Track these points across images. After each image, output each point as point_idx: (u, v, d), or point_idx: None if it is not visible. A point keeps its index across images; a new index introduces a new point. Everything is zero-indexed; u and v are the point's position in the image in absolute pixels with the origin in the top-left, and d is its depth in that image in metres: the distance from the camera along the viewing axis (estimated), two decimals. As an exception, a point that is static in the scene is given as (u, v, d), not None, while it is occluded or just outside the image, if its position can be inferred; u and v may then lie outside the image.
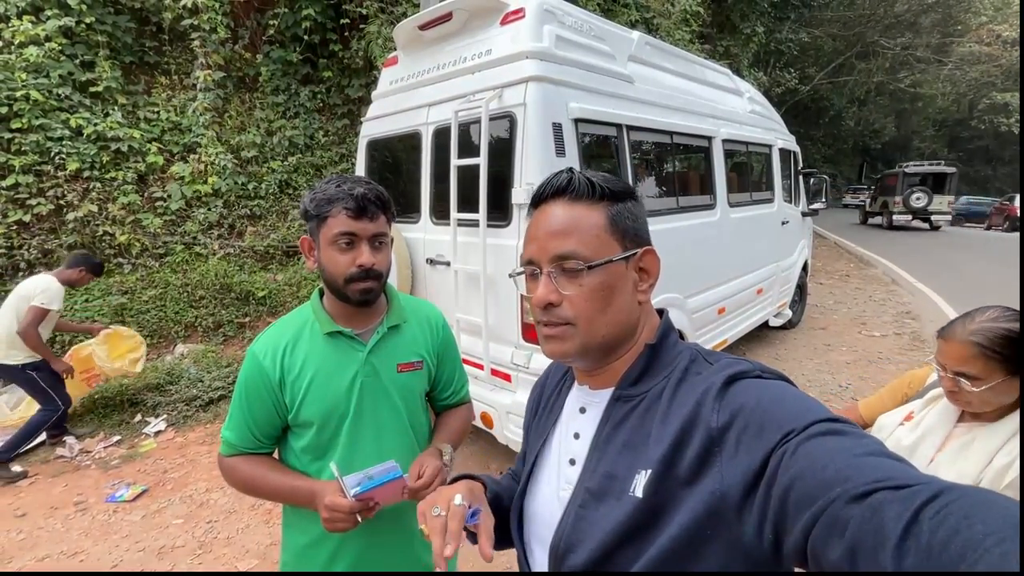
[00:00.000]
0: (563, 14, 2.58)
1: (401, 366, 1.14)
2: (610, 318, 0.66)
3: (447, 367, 1.27)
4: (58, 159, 5.03)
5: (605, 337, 0.66)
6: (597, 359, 0.69)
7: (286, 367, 1.05)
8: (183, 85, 6.05)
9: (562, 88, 2.45)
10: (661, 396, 0.63)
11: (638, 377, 0.67)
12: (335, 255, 1.02)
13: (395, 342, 1.14)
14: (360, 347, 1.09)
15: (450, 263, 2.72)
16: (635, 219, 0.69)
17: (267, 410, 1.07)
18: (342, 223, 1.01)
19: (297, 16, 6.08)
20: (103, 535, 2.66)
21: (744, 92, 4.46)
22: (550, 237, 0.66)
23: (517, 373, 2.51)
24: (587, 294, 0.64)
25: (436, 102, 2.81)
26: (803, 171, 5.50)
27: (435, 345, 1.22)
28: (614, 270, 0.66)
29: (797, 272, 5.38)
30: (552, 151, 2.37)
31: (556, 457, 0.73)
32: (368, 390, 1.09)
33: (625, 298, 0.67)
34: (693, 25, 10.15)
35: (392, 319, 1.14)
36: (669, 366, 0.66)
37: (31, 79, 4.93)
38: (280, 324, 1.12)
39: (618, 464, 0.62)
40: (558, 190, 0.68)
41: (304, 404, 1.05)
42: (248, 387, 1.07)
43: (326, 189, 1.02)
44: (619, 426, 0.65)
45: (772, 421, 0.51)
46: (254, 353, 1.07)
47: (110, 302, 4.93)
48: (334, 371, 1.07)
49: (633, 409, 0.65)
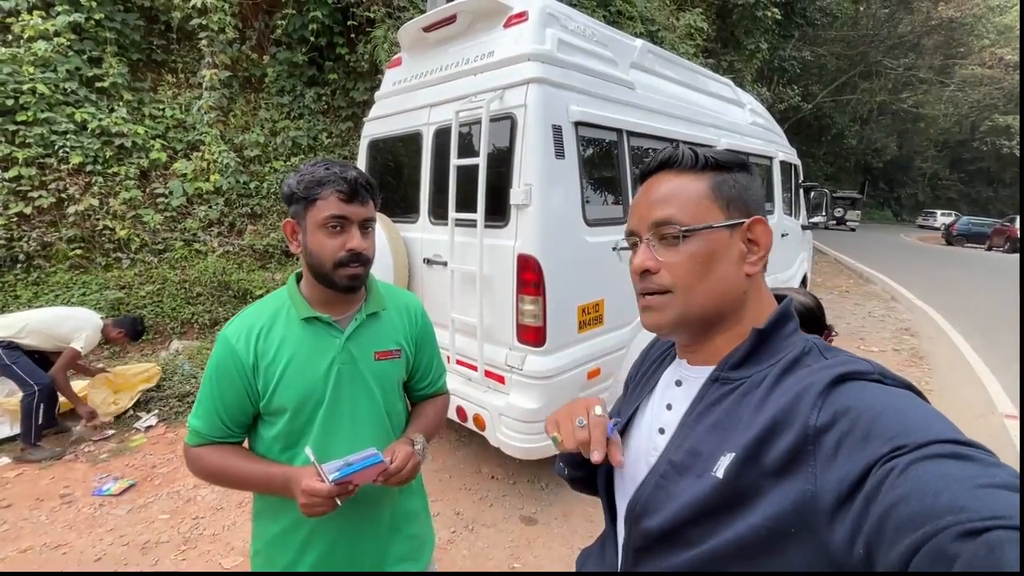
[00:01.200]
0: (566, 18, 2.60)
1: (379, 354, 1.12)
2: (710, 287, 0.64)
3: (424, 356, 1.25)
4: (61, 153, 5.05)
5: (704, 307, 0.65)
6: (696, 333, 0.68)
7: (260, 351, 1.02)
8: (189, 84, 6.09)
9: (563, 91, 2.46)
10: (761, 384, 0.61)
11: (741, 361, 0.65)
12: (324, 239, 1.00)
13: (373, 330, 1.12)
14: (337, 334, 1.07)
15: (447, 263, 2.71)
16: (743, 188, 0.68)
17: (238, 396, 1.03)
18: (333, 206, 0.99)
19: (305, 18, 6.13)
20: (88, 528, 2.62)
21: (746, 104, 4.49)
22: (650, 206, 0.67)
23: (511, 375, 2.49)
24: (685, 261, 0.64)
25: (438, 103, 2.83)
26: (803, 184, 5.52)
27: (414, 334, 1.20)
28: (715, 237, 0.64)
29: (796, 285, 5.37)
30: (552, 153, 2.37)
31: (649, 422, 0.73)
32: (345, 377, 1.06)
33: (728, 268, 0.65)
34: (697, 39, 10.27)
35: (371, 306, 1.12)
36: (777, 354, 0.63)
37: (38, 73, 4.96)
38: (254, 308, 1.09)
39: (705, 442, 0.62)
40: (663, 163, 0.69)
41: (278, 390, 1.02)
42: (219, 372, 1.03)
43: (314, 172, 1.00)
44: (712, 407, 0.64)
45: (881, 431, 0.48)
46: (226, 337, 1.03)
47: (107, 296, 4.92)
48: (310, 357, 1.04)
49: (730, 392, 0.63)
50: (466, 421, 2.70)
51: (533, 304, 2.37)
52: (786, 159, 4.97)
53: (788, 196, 5.09)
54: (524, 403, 2.42)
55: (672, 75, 3.43)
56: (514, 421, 2.44)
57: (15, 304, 4.71)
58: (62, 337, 3.40)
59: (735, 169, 0.68)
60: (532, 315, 2.38)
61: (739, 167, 0.68)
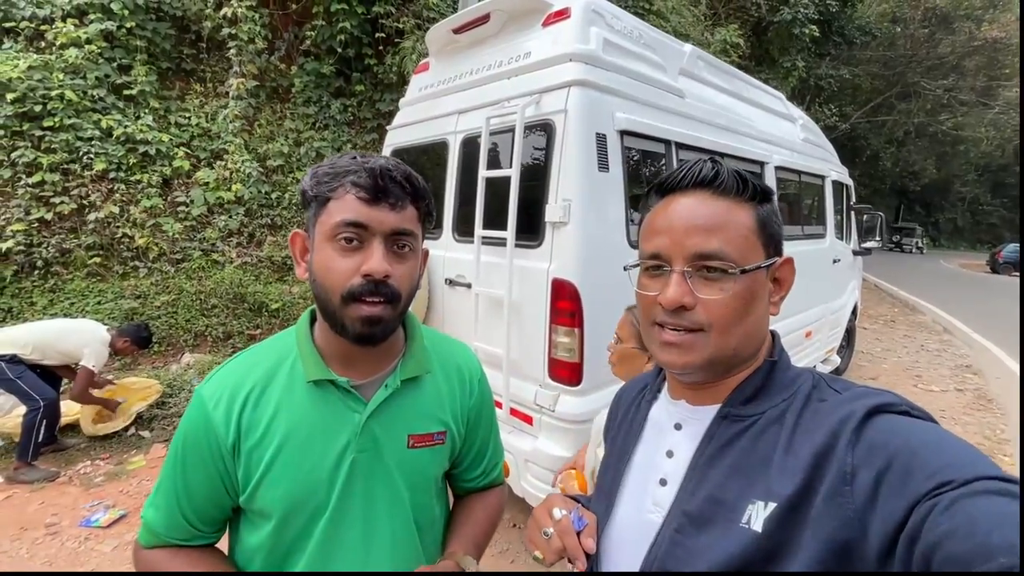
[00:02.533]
0: (612, 17, 2.34)
1: (415, 439, 0.80)
2: (745, 329, 0.60)
3: (479, 438, 0.92)
4: (86, 159, 5.00)
5: (736, 349, 0.61)
6: (718, 373, 0.63)
7: (244, 425, 0.73)
8: (216, 93, 6.05)
9: (608, 96, 2.18)
10: (781, 422, 0.57)
11: (752, 396, 0.62)
12: (332, 257, 0.69)
13: (410, 403, 0.80)
14: (357, 406, 0.76)
15: (471, 285, 2.44)
16: (778, 224, 0.64)
17: (210, 485, 0.74)
18: (348, 207, 0.68)
19: (334, 29, 6.05)
20: (69, 565, 2.38)
21: (797, 118, 4.16)
22: (691, 232, 0.60)
23: (540, 416, 2.18)
24: (730, 301, 0.59)
25: (466, 109, 2.58)
26: (855, 206, 5.11)
27: (466, 409, 0.88)
28: (758, 278, 0.61)
29: (847, 315, 4.94)
30: (594, 164, 2.09)
31: (642, 476, 0.68)
32: (361, 472, 0.75)
33: (763, 308, 0.62)
34: (732, 56, 9.97)
35: (409, 367, 0.80)
36: (788, 388, 0.60)
37: (68, 79, 4.95)
38: (247, 357, 0.79)
39: (725, 489, 0.57)
40: (701, 180, 0.62)
41: (264, 485, 0.72)
42: (187, 447, 0.74)
43: (335, 162, 0.72)
44: (726, 447, 0.60)
45: (922, 467, 0.45)
46: (201, 398, 0.74)
47: (122, 306, 4.80)
48: (314, 440, 0.74)
49: (744, 430, 0.60)
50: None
51: (568, 336, 2.06)
52: (838, 179, 4.60)
53: (839, 218, 4.70)
54: (555, 450, 2.10)
55: (723, 84, 3.13)
56: (543, 470, 2.12)
57: (30, 311, 4.61)
58: (67, 352, 3.24)
59: (771, 200, 0.64)
60: (567, 349, 2.07)
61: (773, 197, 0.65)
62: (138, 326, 3.60)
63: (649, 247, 0.64)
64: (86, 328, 3.33)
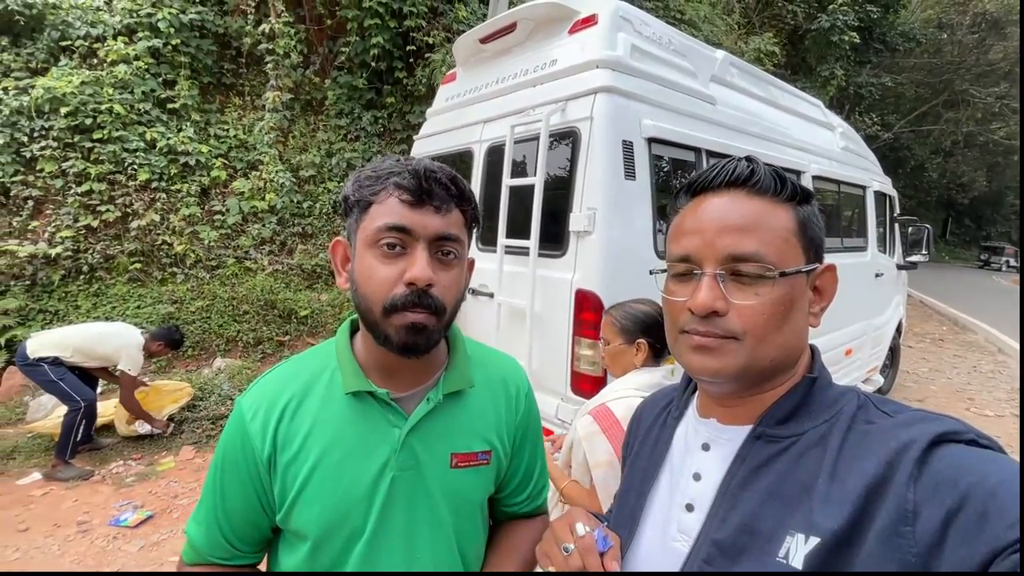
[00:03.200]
0: (641, 23, 2.29)
1: (458, 457, 0.74)
2: (783, 340, 0.56)
3: (526, 458, 0.85)
4: (130, 169, 5.24)
5: (773, 361, 0.56)
6: (750, 385, 0.58)
7: (281, 438, 0.69)
8: (254, 106, 6.27)
9: (635, 102, 2.13)
10: (823, 445, 0.53)
11: (789, 415, 0.57)
12: (374, 265, 0.65)
13: (453, 418, 0.75)
14: (398, 420, 0.71)
15: (493, 295, 2.40)
16: (820, 228, 0.60)
17: (247, 503, 0.71)
18: (390, 210, 0.65)
19: (367, 43, 6.20)
20: (96, 563, 2.43)
21: (836, 127, 3.99)
22: (724, 232, 0.56)
23: (562, 431, 2.11)
24: (766, 307, 0.54)
25: (492, 118, 2.57)
26: (899, 217, 4.86)
27: (512, 425, 0.82)
28: (797, 283, 0.56)
29: (890, 333, 4.67)
30: (620, 172, 2.03)
31: (667, 500, 0.63)
32: (401, 492, 0.70)
33: (801, 318, 0.58)
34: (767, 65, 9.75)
35: (453, 380, 0.75)
36: (830, 408, 0.56)
37: (116, 94, 5.21)
38: (287, 368, 0.76)
39: (761, 517, 0.52)
40: (735, 179, 0.58)
41: (300, 503, 0.68)
42: (226, 460, 0.71)
43: (378, 165, 0.69)
44: (760, 470, 0.55)
45: (1001, 512, 0.40)
46: (240, 411, 0.72)
47: (159, 310, 4.97)
48: (352, 455, 0.69)
49: (781, 452, 0.55)
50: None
51: (592, 349, 1.99)
52: (881, 189, 4.38)
53: (882, 231, 4.47)
54: (577, 467, 2.03)
55: (757, 91, 3.03)
56: (564, 487, 2.04)
57: (75, 313, 4.82)
58: (106, 356, 3.35)
59: (812, 202, 0.60)
60: (590, 362, 2.01)
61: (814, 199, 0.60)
62: (169, 329, 3.71)
63: (678, 249, 0.59)
64: (123, 332, 3.45)
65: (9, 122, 4.90)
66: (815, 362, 0.60)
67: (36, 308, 4.76)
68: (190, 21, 5.71)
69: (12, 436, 3.69)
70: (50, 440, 3.48)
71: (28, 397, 4.23)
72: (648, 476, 0.67)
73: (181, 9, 5.65)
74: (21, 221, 4.94)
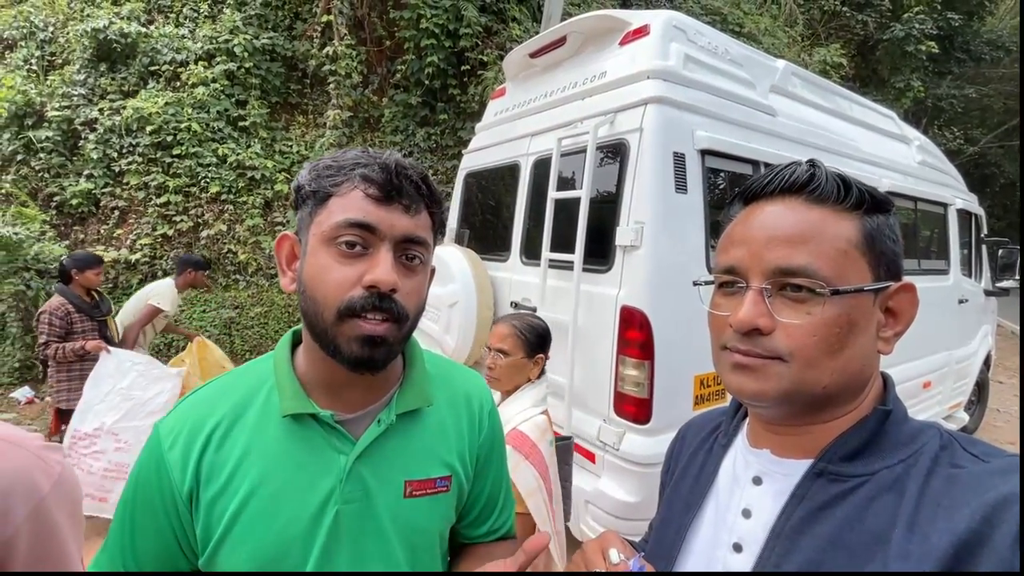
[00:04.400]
0: (695, 33, 2.22)
1: (413, 485, 0.66)
2: (840, 365, 0.49)
3: (488, 485, 0.77)
4: (203, 182, 5.62)
5: (827, 388, 0.50)
6: (800, 413, 0.53)
7: (205, 471, 0.60)
8: (316, 124, 6.60)
9: (688, 113, 2.05)
10: (900, 490, 0.46)
11: (857, 451, 0.50)
12: (329, 264, 0.58)
13: (408, 441, 0.67)
14: (344, 446, 0.63)
15: (536, 309, 2.36)
16: (895, 241, 0.53)
17: (163, 544, 0.61)
18: (353, 205, 0.58)
19: (423, 63, 6.41)
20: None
21: (912, 140, 3.70)
22: (772, 243, 0.51)
23: (603, 454, 2.02)
24: (817, 327, 0.49)
25: (539, 131, 2.56)
26: (987, 239, 4.42)
27: (475, 447, 0.74)
28: (860, 303, 0.50)
29: (977, 365, 4.22)
30: (671, 185, 1.95)
31: (710, 537, 0.58)
32: (347, 528, 0.62)
33: (865, 343, 0.51)
34: (833, 77, 9.27)
35: (408, 398, 0.67)
36: (907, 446, 0.49)
37: (195, 114, 5.64)
38: (216, 386, 0.67)
39: (822, 566, 0.47)
40: (792, 185, 0.53)
41: (227, 544, 0.59)
42: (139, 496, 0.61)
43: (340, 155, 0.62)
44: (822, 512, 0.49)
45: None
46: (159, 436, 0.62)
47: (222, 315, 5.26)
48: (289, 488, 0.60)
49: (847, 494, 0.48)
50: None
51: (637, 369, 1.90)
52: (965, 207, 4.01)
53: (967, 253, 4.07)
54: (619, 493, 1.93)
55: (822, 103, 2.86)
56: (605, 514, 1.94)
57: (148, 316, 5.18)
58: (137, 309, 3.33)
59: (888, 212, 0.53)
60: (635, 383, 1.91)
61: (891, 209, 0.54)
62: (183, 257, 3.65)
63: (724, 260, 0.55)
64: (148, 287, 3.47)
65: (103, 139, 5.42)
66: (888, 393, 0.54)
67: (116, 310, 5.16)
68: (262, 46, 6.12)
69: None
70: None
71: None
72: (690, 507, 0.61)
73: (255, 35, 6.08)
74: (108, 229, 5.41)
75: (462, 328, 2.61)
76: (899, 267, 0.54)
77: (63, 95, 5.57)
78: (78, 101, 5.57)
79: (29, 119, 5.49)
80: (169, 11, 6.28)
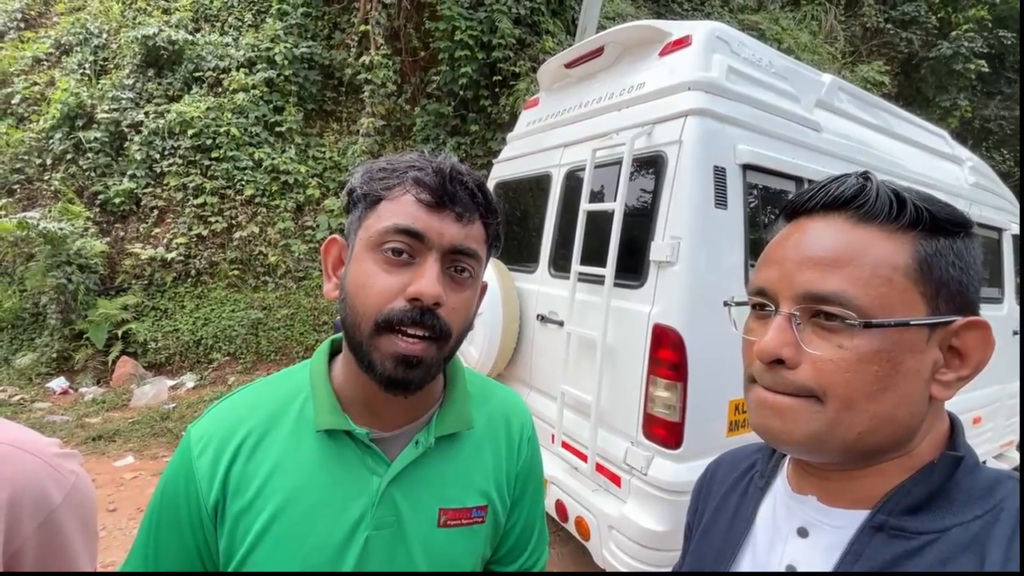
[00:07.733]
0: (739, 44, 2.15)
1: (448, 514, 0.62)
2: (879, 410, 0.42)
3: (522, 518, 0.72)
4: (239, 185, 5.77)
5: (863, 435, 0.43)
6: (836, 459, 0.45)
7: (233, 482, 0.57)
8: (349, 131, 6.73)
9: (729, 126, 1.97)
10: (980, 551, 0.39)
11: (923, 504, 0.43)
12: (372, 271, 0.54)
13: (445, 466, 0.63)
14: (378, 466, 0.59)
15: (563, 323, 2.29)
16: (963, 269, 0.45)
17: (185, 557, 0.58)
18: (403, 210, 0.54)
19: (456, 73, 6.48)
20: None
21: (965, 160, 3.53)
22: (805, 264, 0.45)
23: (630, 478, 1.93)
24: (849, 363, 0.42)
25: (572, 142, 2.51)
26: (1044, 267, 4.16)
27: (512, 475, 0.69)
28: (907, 339, 0.42)
29: (1032, 403, 3.95)
30: (710, 200, 1.87)
31: None
32: (376, 556, 0.58)
33: (914, 386, 0.43)
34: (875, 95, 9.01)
35: (448, 421, 0.63)
36: (984, 499, 0.42)
37: (234, 119, 5.81)
38: (250, 393, 0.64)
39: None
40: (836, 200, 0.46)
41: (250, 565, 0.55)
42: (165, 503, 0.58)
43: (396, 158, 0.59)
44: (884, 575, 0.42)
45: None
46: (189, 442, 0.59)
47: (250, 316, 5.35)
48: (320, 509, 0.57)
49: (913, 554, 0.42)
50: (566, 522, 2.17)
51: (669, 391, 1.82)
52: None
53: (1021, 282, 3.84)
54: (645, 520, 1.83)
55: (870, 119, 2.74)
56: (629, 542, 1.85)
57: (180, 312, 5.32)
58: None
59: (956, 233, 0.45)
60: (666, 405, 1.82)
61: (962, 230, 0.45)
62: None
63: (756, 280, 0.51)
64: None
65: (147, 141, 5.62)
66: (956, 437, 0.47)
67: (150, 305, 5.32)
68: (301, 54, 6.28)
69: (117, 420, 4.07)
70: (147, 427, 3.78)
71: (134, 385, 4.68)
72: (723, 558, 0.55)
73: (295, 44, 6.25)
74: (147, 228, 5.58)
75: (486, 340, 2.56)
76: (968, 300, 0.46)
77: (112, 98, 5.81)
78: (126, 104, 5.80)
79: (80, 120, 5.74)
80: (215, 20, 6.53)
